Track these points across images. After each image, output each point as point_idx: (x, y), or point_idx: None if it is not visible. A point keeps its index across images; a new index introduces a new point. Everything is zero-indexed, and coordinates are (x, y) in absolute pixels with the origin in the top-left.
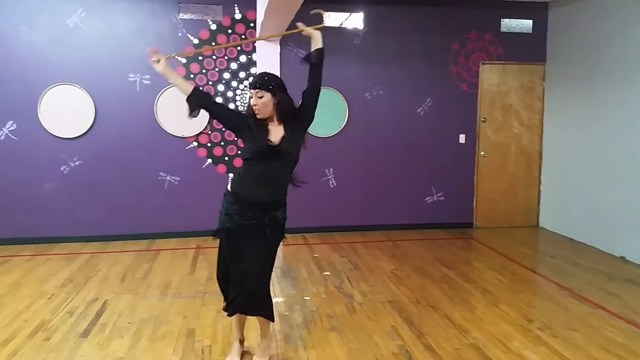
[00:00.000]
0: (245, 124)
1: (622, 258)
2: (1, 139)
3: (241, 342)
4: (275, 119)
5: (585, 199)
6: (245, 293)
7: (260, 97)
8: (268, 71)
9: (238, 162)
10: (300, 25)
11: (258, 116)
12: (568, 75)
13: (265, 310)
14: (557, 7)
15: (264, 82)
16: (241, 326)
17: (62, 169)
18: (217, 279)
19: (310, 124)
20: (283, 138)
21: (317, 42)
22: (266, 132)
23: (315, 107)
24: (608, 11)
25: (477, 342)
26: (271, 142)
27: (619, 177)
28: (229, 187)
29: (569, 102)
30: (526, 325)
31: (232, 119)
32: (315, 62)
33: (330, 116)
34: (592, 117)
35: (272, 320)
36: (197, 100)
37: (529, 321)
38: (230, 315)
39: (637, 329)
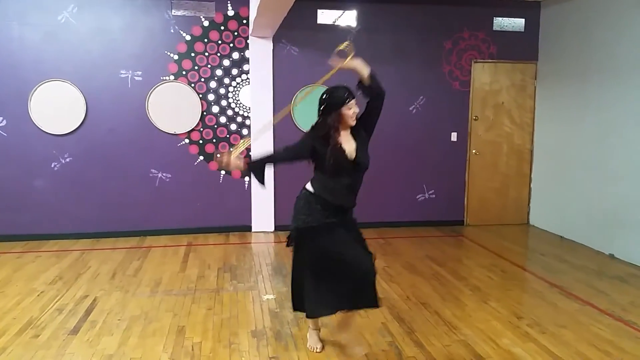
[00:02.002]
0: (312, 148)
1: (611, 256)
2: None
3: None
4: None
5: (576, 197)
6: (369, 286)
7: (357, 105)
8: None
9: None
10: (333, 62)
11: (353, 124)
12: (560, 73)
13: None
14: (549, 5)
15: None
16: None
17: (52, 166)
18: (293, 284)
19: (371, 135)
20: (357, 151)
21: (363, 70)
22: (340, 146)
23: (378, 117)
24: (600, 10)
25: (467, 338)
26: (348, 157)
27: (609, 175)
28: (310, 188)
29: (560, 100)
30: (515, 322)
31: (301, 155)
32: (376, 90)
33: None
34: (584, 116)
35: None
36: (260, 167)
37: (519, 318)
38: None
39: (625, 325)
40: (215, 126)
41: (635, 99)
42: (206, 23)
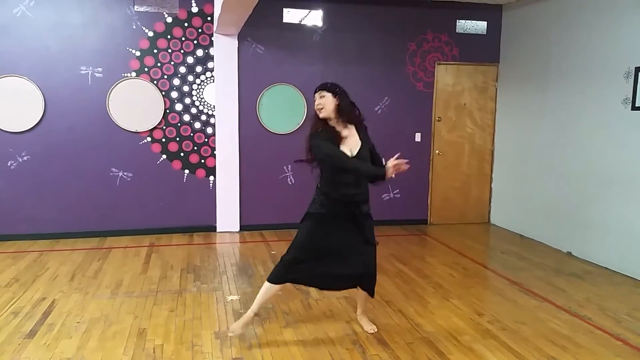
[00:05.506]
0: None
1: (569, 253)
2: None
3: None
4: (340, 121)
5: (535, 196)
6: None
7: (322, 97)
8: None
9: (194, 158)
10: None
11: (321, 115)
12: (520, 76)
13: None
14: (510, 9)
15: (324, 85)
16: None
17: (9, 164)
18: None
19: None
20: (361, 148)
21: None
22: (340, 139)
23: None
24: (559, 15)
25: (429, 336)
26: (351, 153)
27: (567, 175)
28: (319, 185)
29: (520, 102)
30: (476, 319)
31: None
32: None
33: (288, 113)
34: (543, 117)
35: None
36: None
37: (480, 315)
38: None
39: (580, 320)
40: (179, 124)
41: (593, 100)
42: (169, 19)
